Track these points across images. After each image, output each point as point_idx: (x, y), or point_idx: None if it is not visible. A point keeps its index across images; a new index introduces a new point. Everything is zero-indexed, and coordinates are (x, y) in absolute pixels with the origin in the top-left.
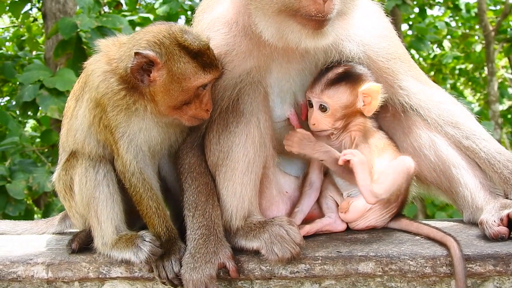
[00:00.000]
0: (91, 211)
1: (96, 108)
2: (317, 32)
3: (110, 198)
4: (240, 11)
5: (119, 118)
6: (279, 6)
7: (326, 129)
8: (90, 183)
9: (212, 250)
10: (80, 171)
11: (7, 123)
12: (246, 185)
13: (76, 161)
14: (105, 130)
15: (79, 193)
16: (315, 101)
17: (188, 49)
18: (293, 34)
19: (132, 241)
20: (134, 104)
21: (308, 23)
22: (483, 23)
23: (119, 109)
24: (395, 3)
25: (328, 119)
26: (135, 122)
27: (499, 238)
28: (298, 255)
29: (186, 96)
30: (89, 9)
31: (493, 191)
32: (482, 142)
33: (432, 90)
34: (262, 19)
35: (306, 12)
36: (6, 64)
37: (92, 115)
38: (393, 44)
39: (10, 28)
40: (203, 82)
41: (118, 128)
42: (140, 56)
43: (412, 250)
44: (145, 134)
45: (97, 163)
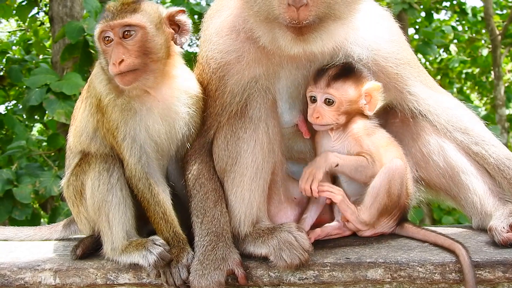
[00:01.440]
0: (102, 215)
1: (97, 113)
2: (301, 38)
3: (123, 202)
4: (246, 18)
5: (117, 118)
6: (266, 14)
7: (330, 123)
8: (104, 187)
9: (221, 257)
10: (93, 175)
11: (14, 127)
12: (254, 191)
13: (89, 165)
14: (108, 134)
15: (91, 197)
16: (320, 95)
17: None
18: (281, 40)
19: (143, 245)
20: (129, 102)
21: (288, 30)
22: (490, 27)
23: (116, 109)
24: (402, 7)
25: (333, 113)
26: (135, 120)
27: (509, 245)
28: (307, 262)
29: (100, 53)
30: (96, 13)
31: (502, 197)
32: (492, 148)
33: (441, 95)
34: (256, 25)
35: (283, 20)
36: (13, 68)
37: (96, 119)
38: (402, 49)
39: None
40: (96, 32)
41: (118, 129)
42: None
43: (421, 257)
44: (148, 130)
45: (111, 166)
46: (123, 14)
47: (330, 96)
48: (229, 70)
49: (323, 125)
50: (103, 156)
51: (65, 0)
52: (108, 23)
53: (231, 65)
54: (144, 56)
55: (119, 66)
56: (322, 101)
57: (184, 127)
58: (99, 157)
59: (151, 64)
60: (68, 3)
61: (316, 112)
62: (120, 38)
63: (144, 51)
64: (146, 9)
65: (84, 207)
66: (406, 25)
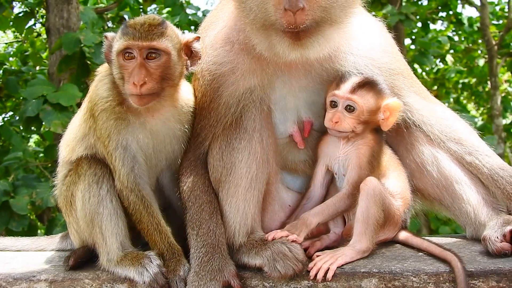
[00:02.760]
0: (95, 227)
1: (90, 118)
2: (299, 43)
3: (114, 213)
4: (242, 28)
5: (110, 126)
6: (262, 21)
7: (347, 130)
8: (94, 199)
9: (217, 268)
10: (82, 187)
11: (11, 138)
12: (249, 201)
13: (78, 177)
14: (99, 142)
15: (82, 209)
16: (342, 101)
17: (124, 24)
18: (278, 47)
19: (139, 260)
20: (125, 112)
21: (285, 35)
22: (486, 38)
23: (110, 117)
24: (398, 18)
25: (352, 120)
26: (127, 130)
27: (502, 254)
28: (301, 272)
29: (115, 67)
30: (92, 24)
31: (496, 207)
32: (485, 158)
33: (435, 106)
34: (253, 33)
35: (280, 25)
36: (10, 79)
37: (88, 125)
38: (395, 59)
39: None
40: (118, 48)
41: (110, 138)
42: (106, 38)
43: (415, 267)
44: (138, 142)
45: (100, 178)
46: (151, 36)
47: (353, 103)
48: (224, 82)
49: (340, 131)
50: (92, 166)
51: (62, 12)
52: (135, 42)
53: (225, 76)
54: (163, 80)
55: (141, 88)
56: (343, 107)
57: (176, 145)
58: (88, 168)
59: (167, 88)
60: (65, 15)
61: (336, 116)
62: (144, 59)
63: (164, 76)
64: (171, 35)
65: (74, 218)
66: (403, 35)
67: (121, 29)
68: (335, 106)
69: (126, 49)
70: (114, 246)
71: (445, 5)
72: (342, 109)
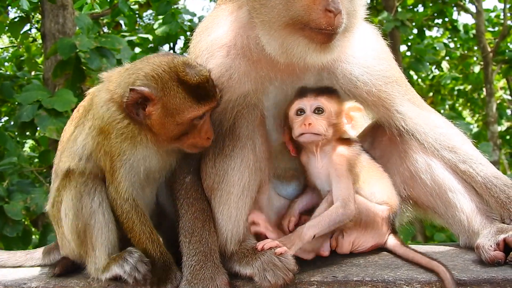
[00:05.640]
0: (86, 238)
1: (99, 135)
2: (324, 46)
3: (105, 226)
4: (239, 32)
5: (123, 146)
6: (287, 19)
7: (321, 132)
8: (86, 210)
9: (209, 276)
10: (74, 198)
11: (6, 143)
12: (241, 209)
13: (70, 190)
14: (105, 157)
15: (74, 220)
16: (310, 105)
17: (186, 84)
18: (299, 48)
19: (120, 256)
20: (139, 134)
21: (316, 37)
22: (482, 45)
23: (123, 137)
24: (394, 25)
25: (323, 122)
26: (139, 151)
27: (496, 263)
28: (291, 281)
29: (182, 128)
30: (88, 29)
31: (490, 215)
32: (479, 166)
33: (429, 114)
34: (267, 32)
35: (316, 25)
36: (5, 84)
37: (96, 141)
38: (390, 67)
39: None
40: (197, 115)
41: (121, 155)
42: (134, 92)
43: (408, 275)
44: (146, 162)
45: (91, 190)
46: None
47: (321, 104)
48: (220, 88)
49: (315, 133)
50: (84, 177)
51: (57, 17)
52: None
53: (221, 81)
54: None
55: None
56: (312, 110)
57: (174, 161)
58: (81, 179)
59: None
60: (60, 20)
61: (307, 119)
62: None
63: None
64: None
65: (66, 229)
66: (398, 42)
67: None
68: (302, 113)
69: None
70: (102, 257)
71: (441, 12)
72: (310, 113)
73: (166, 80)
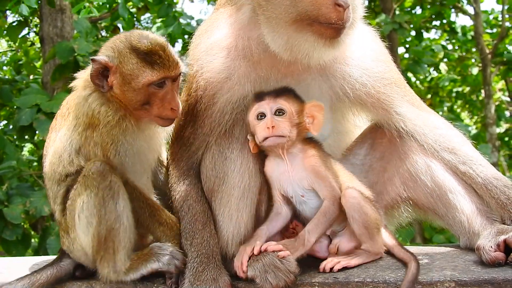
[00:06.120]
0: (108, 242)
1: (86, 130)
2: (333, 41)
3: (129, 229)
4: (239, 34)
5: (113, 133)
6: (294, 15)
7: (285, 133)
8: (111, 215)
9: (212, 278)
10: (98, 204)
11: (4, 147)
12: (242, 210)
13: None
14: (95, 148)
15: (97, 226)
16: (269, 107)
17: (138, 50)
18: (306, 44)
19: (147, 253)
20: (123, 120)
21: (326, 31)
22: (480, 46)
23: (111, 125)
24: (392, 27)
25: (286, 123)
26: (127, 136)
27: (496, 264)
28: (292, 283)
29: (141, 96)
30: (86, 33)
31: (490, 216)
32: (479, 168)
33: (428, 115)
34: (272, 29)
35: (326, 20)
36: (4, 88)
37: (83, 136)
38: (389, 68)
39: (7, 52)
40: (151, 80)
41: (114, 143)
42: (95, 62)
43: None
44: (136, 145)
45: (115, 194)
46: (176, 65)
47: (281, 105)
48: (220, 89)
49: (279, 136)
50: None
51: (56, 21)
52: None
53: (221, 83)
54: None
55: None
56: (272, 113)
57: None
58: (103, 183)
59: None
60: (59, 24)
61: (269, 122)
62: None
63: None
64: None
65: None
66: (396, 44)
67: (143, 59)
68: (263, 117)
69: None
70: (122, 259)
71: (439, 14)
72: (271, 115)
73: (121, 48)
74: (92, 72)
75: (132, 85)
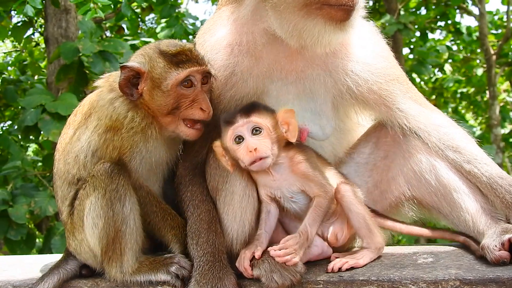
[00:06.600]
0: (115, 244)
1: (107, 132)
2: (342, 24)
3: (136, 231)
4: (243, 30)
5: (136, 139)
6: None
7: (268, 153)
8: (118, 217)
9: (218, 276)
10: (105, 206)
11: (9, 148)
12: (245, 208)
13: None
14: (113, 152)
15: (103, 228)
16: (245, 129)
17: (166, 54)
18: (315, 29)
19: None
20: (149, 127)
21: (336, 14)
22: (485, 47)
23: (134, 131)
24: (396, 27)
25: (266, 141)
26: (150, 143)
27: (501, 263)
28: (298, 282)
29: (170, 98)
30: (91, 33)
31: (495, 215)
32: (484, 167)
33: (432, 113)
34: (280, 15)
35: (337, 1)
36: (8, 88)
37: (103, 138)
38: (391, 65)
39: (12, 53)
40: (178, 78)
41: (133, 148)
42: (126, 69)
43: (413, 275)
44: (156, 153)
45: (122, 196)
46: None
47: (256, 124)
48: (224, 86)
49: (264, 157)
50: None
51: (60, 21)
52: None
53: (225, 80)
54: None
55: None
56: (250, 134)
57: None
58: (110, 185)
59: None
60: (63, 24)
61: (251, 144)
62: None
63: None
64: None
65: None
66: (401, 45)
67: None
68: (241, 140)
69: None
70: (131, 260)
71: (444, 15)
72: (249, 136)
73: (151, 54)
74: (121, 80)
75: (161, 88)
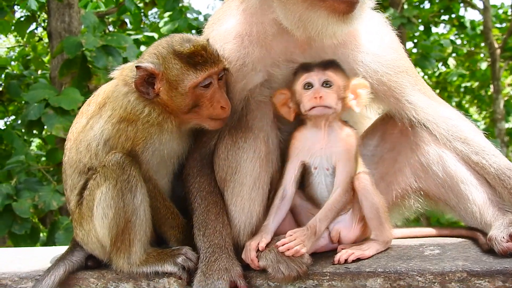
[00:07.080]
0: (124, 234)
1: (121, 122)
2: (346, 17)
3: (145, 222)
4: (252, 21)
5: (151, 131)
6: None
7: (332, 105)
8: (128, 208)
9: (224, 268)
10: (116, 196)
11: (13, 142)
12: (254, 200)
13: (107, 187)
14: (126, 142)
15: (113, 218)
16: (318, 79)
17: (181, 54)
18: (319, 21)
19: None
20: (165, 121)
21: (339, 6)
22: (489, 41)
23: (150, 123)
24: (400, 21)
25: (333, 95)
26: (165, 136)
27: (508, 254)
28: (305, 273)
29: (189, 99)
30: (94, 28)
31: (502, 207)
32: (492, 158)
33: (440, 105)
34: (284, 7)
35: None
36: (12, 83)
37: (116, 128)
38: (400, 57)
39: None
40: (196, 82)
41: (147, 139)
42: (140, 69)
43: (420, 266)
44: (170, 145)
45: (133, 187)
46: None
47: (329, 78)
48: (236, 76)
49: (326, 106)
50: (126, 172)
51: (63, 16)
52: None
53: (236, 71)
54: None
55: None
56: (320, 84)
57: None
58: (122, 176)
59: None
60: (66, 19)
61: (317, 92)
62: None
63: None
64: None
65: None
66: (405, 39)
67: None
68: (310, 87)
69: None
70: (139, 252)
71: (448, 8)
72: (319, 86)
73: (165, 54)
74: (136, 80)
75: (179, 90)
